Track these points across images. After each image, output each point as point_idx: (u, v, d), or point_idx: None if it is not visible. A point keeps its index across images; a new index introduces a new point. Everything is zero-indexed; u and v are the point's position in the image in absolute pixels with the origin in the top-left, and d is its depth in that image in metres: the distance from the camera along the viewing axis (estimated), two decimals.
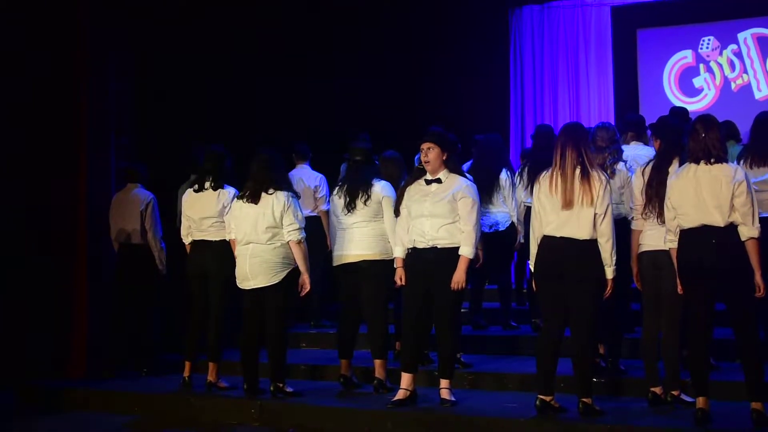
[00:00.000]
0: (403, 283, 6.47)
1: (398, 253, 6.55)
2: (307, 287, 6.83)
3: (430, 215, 6.31)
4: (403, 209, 6.52)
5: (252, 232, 6.77)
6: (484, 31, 12.43)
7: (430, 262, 6.31)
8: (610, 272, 5.77)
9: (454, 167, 6.47)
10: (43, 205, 8.34)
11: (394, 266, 6.58)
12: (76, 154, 8.41)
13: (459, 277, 6.23)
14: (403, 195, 6.55)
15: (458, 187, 6.32)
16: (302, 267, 6.78)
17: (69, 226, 8.37)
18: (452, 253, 6.28)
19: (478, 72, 12.19)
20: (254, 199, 6.80)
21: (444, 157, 6.39)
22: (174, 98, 9.23)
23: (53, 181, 8.35)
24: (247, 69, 10.14)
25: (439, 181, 6.38)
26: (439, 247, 6.30)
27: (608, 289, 5.80)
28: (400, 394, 6.36)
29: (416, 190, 6.45)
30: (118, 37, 8.75)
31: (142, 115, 8.98)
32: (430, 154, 6.37)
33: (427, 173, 6.44)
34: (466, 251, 6.26)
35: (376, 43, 11.59)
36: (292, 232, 6.74)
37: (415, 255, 6.41)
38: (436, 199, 6.32)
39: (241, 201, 6.88)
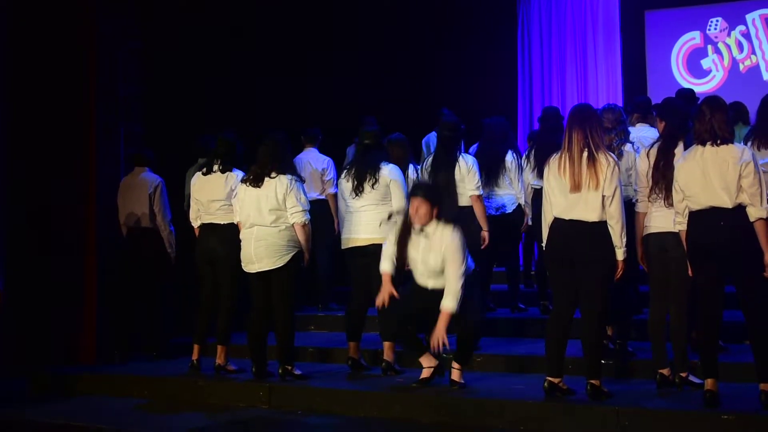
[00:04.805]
0: (386, 305, 6.39)
1: (386, 267, 6.44)
2: (307, 259, 6.90)
3: (426, 270, 6.32)
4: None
5: (256, 214, 6.78)
6: (492, 13, 12.40)
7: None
8: (620, 254, 5.75)
9: (442, 218, 6.31)
10: (53, 200, 8.39)
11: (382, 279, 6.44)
12: (86, 150, 8.41)
13: (439, 333, 6.06)
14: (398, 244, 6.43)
15: (446, 244, 6.19)
16: (304, 247, 6.83)
17: (79, 218, 8.39)
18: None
19: (486, 54, 12.16)
20: (257, 182, 6.81)
21: (435, 212, 6.28)
22: (181, 91, 9.20)
23: (61, 179, 8.39)
24: (248, 66, 10.15)
25: (426, 235, 6.28)
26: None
27: (619, 270, 5.79)
28: (425, 373, 6.43)
29: (411, 243, 6.36)
30: (125, 33, 8.74)
31: (149, 109, 8.97)
32: (420, 210, 6.25)
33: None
34: (448, 305, 6.09)
35: (377, 39, 11.54)
36: (295, 214, 6.75)
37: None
38: (427, 253, 6.27)
39: (245, 184, 6.90)
